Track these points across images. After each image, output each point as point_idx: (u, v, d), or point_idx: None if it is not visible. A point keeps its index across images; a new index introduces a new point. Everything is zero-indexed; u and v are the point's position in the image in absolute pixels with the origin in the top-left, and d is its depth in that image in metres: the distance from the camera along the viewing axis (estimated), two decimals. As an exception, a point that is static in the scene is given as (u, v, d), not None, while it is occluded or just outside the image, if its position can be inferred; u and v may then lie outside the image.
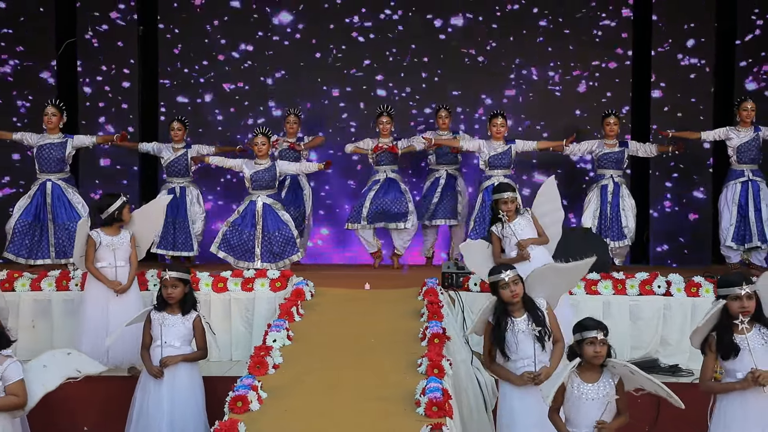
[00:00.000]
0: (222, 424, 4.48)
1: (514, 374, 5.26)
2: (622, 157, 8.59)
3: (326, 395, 5.19)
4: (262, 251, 8.02)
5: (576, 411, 4.57)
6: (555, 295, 5.70)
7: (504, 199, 6.75)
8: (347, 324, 6.56)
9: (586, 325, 4.67)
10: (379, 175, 8.84)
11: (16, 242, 8.10)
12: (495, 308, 5.35)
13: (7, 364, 4.74)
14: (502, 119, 8.52)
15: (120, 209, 6.77)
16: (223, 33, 10.01)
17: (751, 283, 4.93)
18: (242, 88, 10.08)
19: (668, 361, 7.08)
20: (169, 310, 5.95)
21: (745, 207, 8.20)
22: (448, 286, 7.29)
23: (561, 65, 9.96)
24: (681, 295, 7.29)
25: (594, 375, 4.60)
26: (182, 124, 8.82)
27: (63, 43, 9.78)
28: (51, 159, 8.18)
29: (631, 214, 8.56)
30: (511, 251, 6.73)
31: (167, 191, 8.68)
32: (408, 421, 4.66)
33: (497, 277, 5.32)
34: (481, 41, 10.00)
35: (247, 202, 8.15)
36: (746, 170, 8.29)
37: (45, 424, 5.86)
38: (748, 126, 8.28)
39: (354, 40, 10.08)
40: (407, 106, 10.04)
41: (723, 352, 4.91)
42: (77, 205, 8.20)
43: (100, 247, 6.69)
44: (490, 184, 8.39)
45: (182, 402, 5.87)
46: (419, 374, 5.33)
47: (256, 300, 7.37)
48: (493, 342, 5.30)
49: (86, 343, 6.50)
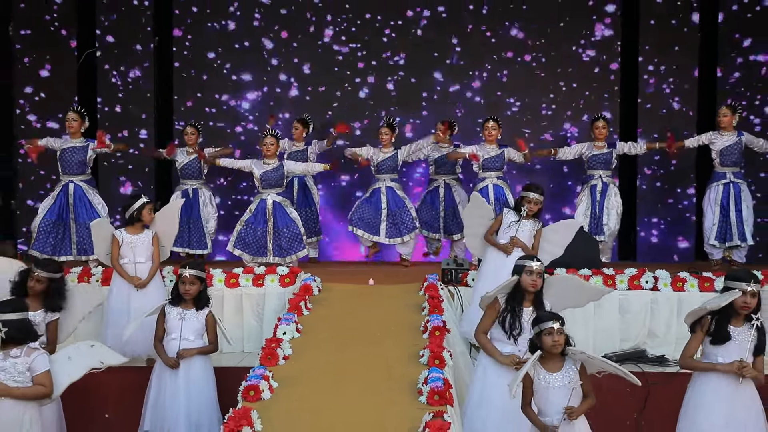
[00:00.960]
0: (236, 412, 4.48)
1: (500, 352, 5.27)
2: (610, 158, 8.60)
3: (333, 384, 5.20)
4: (273, 246, 8.04)
5: (545, 401, 4.59)
6: (560, 305, 5.64)
7: (529, 198, 6.74)
8: (353, 317, 6.58)
9: (542, 317, 4.69)
10: (379, 184, 8.72)
11: (40, 240, 8.13)
12: (511, 289, 5.35)
13: (34, 356, 4.77)
14: (494, 123, 8.50)
15: (140, 209, 6.81)
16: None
17: (758, 282, 4.98)
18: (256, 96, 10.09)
19: (655, 352, 7.07)
20: (184, 305, 5.97)
21: (727, 207, 8.21)
22: (447, 282, 7.30)
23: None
24: (668, 290, 7.30)
25: (557, 364, 4.61)
26: (195, 129, 8.83)
27: (84, 54, 9.80)
28: (73, 162, 8.21)
29: (614, 212, 8.56)
30: (502, 239, 6.74)
31: (181, 192, 8.69)
32: (411, 409, 4.66)
33: (526, 262, 5.33)
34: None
35: (258, 201, 8.14)
36: (728, 173, 8.28)
37: (70, 412, 5.87)
38: (731, 131, 8.28)
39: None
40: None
41: (714, 336, 4.97)
42: (97, 205, 8.22)
43: (123, 245, 6.76)
44: (484, 185, 8.39)
45: (197, 392, 5.89)
46: (421, 365, 5.33)
47: (267, 295, 7.37)
48: (499, 319, 5.30)
49: (110, 335, 6.54)
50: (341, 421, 4.64)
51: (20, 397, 4.71)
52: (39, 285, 5.93)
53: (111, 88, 9.84)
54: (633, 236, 9.70)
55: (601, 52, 9.99)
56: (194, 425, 5.82)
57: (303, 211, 8.92)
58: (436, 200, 8.93)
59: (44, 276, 5.94)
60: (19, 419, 4.69)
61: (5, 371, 4.69)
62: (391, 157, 8.65)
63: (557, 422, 4.51)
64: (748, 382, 4.96)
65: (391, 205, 8.62)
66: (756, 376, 4.95)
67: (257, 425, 4.42)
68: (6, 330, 4.69)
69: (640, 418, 6.28)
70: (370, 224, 8.63)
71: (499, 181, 8.42)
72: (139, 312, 6.31)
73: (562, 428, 4.51)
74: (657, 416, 6.22)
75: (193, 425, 5.82)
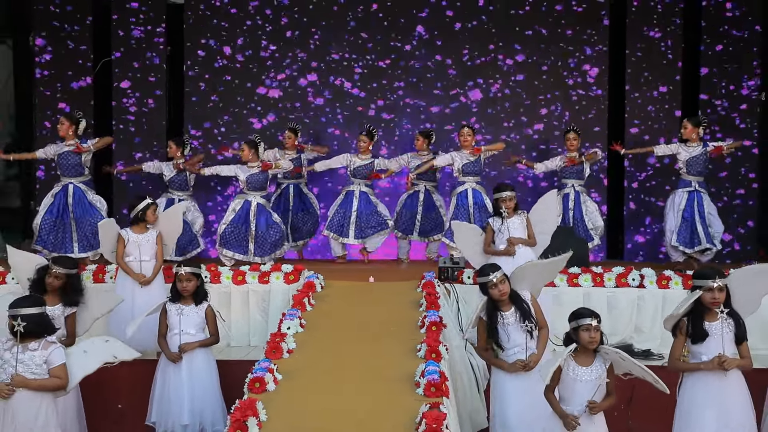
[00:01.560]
0: (242, 403, 4.50)
1: (506, 362, 5.34)
2: (582, 168, 8.56)
3: (335, 377, 5.24)
4: (255, 246, 8.08)
5: (570, 391, 4.63)
6: (537, 286, 5.78)
7: (503, 197, 6.83)
8: (354, 313, 6.61)
9: (581, 314, 4.73)
10: (353, 187, 8.74)
11: (42, 236, 8.15)
12: (486, 306, 5.42)
13: (51, 350, 4.82)
14: (469, 129, 8.49)
15: (144, 210, 6.92)
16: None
17: (723, 277, 5.04)
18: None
19: (641, 346, 7.14)
20: (183, 301, 6.05)
21: (691, 213, 8.19)
22: (444, 279, 7.35)
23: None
24: (653, 287, 7.37)
25: (588, 359, 4.66)
26: (177, 144, 8.65)
27: (100, 62, 9.84)
28: (69, 164, 8.16)
29: (596, 215, 8.58)
30: (500, 244, 6.81)
31: (166, 200, 8.55)
32: (409, 400, 4.69)
33: (486, 278, 5.38)
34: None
35: (242, 202, 8.18)
36: (693, 181, 8.26)
37: (86, 403, 5.97)
38: (697, 141, 8.27)
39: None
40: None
41: (693, 336, 5.02)
42: (96, 203, 8.22)
43: (129, 244, 6.84)
44: (463, 189, 8.40)
45: (200, 384, 5.97)
46: (418, 358, 5.36)
47: (272, 291, 7.43)
48: (488, 336, 5.38)
49: (115, 331, 6.54)
50: (342, 412, 4.67)
51: (37, 388, 4.76)
52: (57, 281, 6.01)
53: (126, 96, 9.81)
54: (621, 237, 9.73)
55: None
56: (198, 415, 5.90)
57: (301, 215, 8.96)
58: (418, 205, 8.91)
59: (62, 272, 6.02)
60: (35, 410, 4.74)
61: (23, 364, 4.74)
62: (367, 165, 8.71)
63: (578, 413, 4.56)
64: (736, 372, 4.99)
65: (361, 207, 8.64)
66: (740, 364, 4.98)
67: (262, 415, 4.44)
68: (24, 324, 4.76)
69: (628, 409, 6.33)
70: (341, 227, 8.66)
71: (478, 186, 8.42)
72: (143, 309, 6.39)
73: (582, 419, 4.56)
74: (644, 407, 6.28)
75: (196, 415, 5.90)
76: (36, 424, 4.73)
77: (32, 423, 4.72)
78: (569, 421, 4.56)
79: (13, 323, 4.78)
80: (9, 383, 4.71)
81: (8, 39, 10.76)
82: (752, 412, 5.09)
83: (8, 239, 9.91)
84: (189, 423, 5.88)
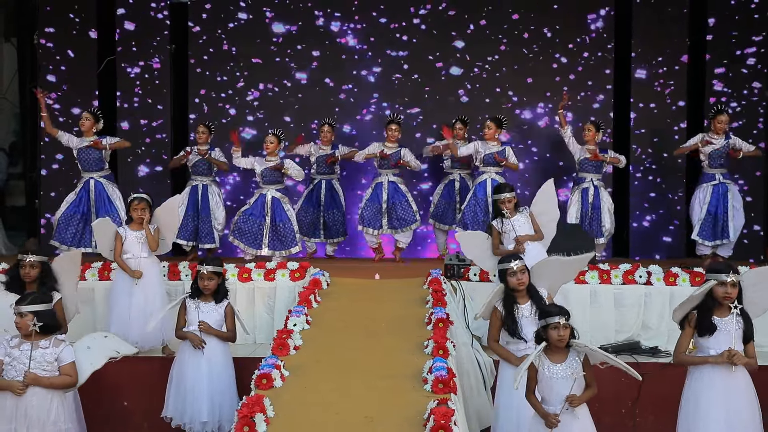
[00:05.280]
0: (249, 399, 4.52)
1: (514, 355, 5.34)
2: (601, 163, 8.52)
3: (342, 373, 5.25)
4: (269, 240, 8.10)
5: (549, 390, 4.63)
6: (555, 285, 5.77)
7: (502, 199, 6.84)
8: (360, 310, 6.62)
9: (549, 312, 4.71)
10: (382, 178, 8.74)
11: (60, 231, 8.19)
12: (503, 295, 5.41)
13: (62, 348, 4.86)
14: (490, 122, 8.47)
15: (128, 207, 6.96)
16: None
17: (737, 273, 5.03)
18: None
19: (649, 343, 7.13)
20: (203, 298, 6.06)
21: (716, 208, 8.24)
22: (450, 276, 7.34)
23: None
24: (660, 284, 7.36)
25: (561, 356, 4.65)
26: (207, 128, 8.85)
27: (104, 60, 9.84)
28: (90, 159, 8.25)
29: (608, 214, 8.51)
30: (509, 244, 6.79)
31: (190, 188, 8.71)
32: (416, 397, 4.71)
33: (506, 265, 5.41)
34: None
35: (258, 195, 8.23)
36: (717, 174, 8.32)
37: (92, 401, 5.93)
38: (721, 134, 8.31)
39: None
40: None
41: (701, 329, 5.00)
42: (116, 200, 8.26)
43: (126, 241, 6.84)
44: (482, 179, 8.37)
45: (218, 377, 5.99)
46: (426, 355, 5.37)
47: (278, 288, 7.43)
48: (504, 325, 5.38)
49: (114, 327, 6.58)
50: (349, 408, 4.69)
51: (48, 386, 4.80)
52: (34, 270, 5.94)
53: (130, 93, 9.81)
54: (626, 233, 9.70)
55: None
56: (217, 407, 5.92)
57: (330, 212, 8.95)
58: (455, 195, 8.95)
59: (36, 261, 5.97)
60: (47, 406, 4.79)
61: (35, 361, 4.77)
62: (393, 155, 8.68)
63: (559, 411, 4.56)
64: (742, 370, 4.97)
65: (391, 198, 8.65)
66: (748, 362, 4.97)
67: (269, 411, 4.46)
68: (41, 324, 4.77)
69: (634, 407, 6.32)
70: (374, 220, 8.66)
71: (498, 176, 8.41)
72: (140, 306, 6.47)
73: (563, 416, 4.56)
74: (651, 404, 6.29)
75: (216, 407, 5.91)
76: (48, 419, 4.77)
77: (44, 419, 4.78)
78: (550, 420, 4.57)
79: (27, 322, 4.77)
80: (22, 380, 4.72)
81: (13, 38, 10.81)
82: (758, 412, 5.06)
83: (12, 238, 9.98)
84: (208, 420, 5.90)
